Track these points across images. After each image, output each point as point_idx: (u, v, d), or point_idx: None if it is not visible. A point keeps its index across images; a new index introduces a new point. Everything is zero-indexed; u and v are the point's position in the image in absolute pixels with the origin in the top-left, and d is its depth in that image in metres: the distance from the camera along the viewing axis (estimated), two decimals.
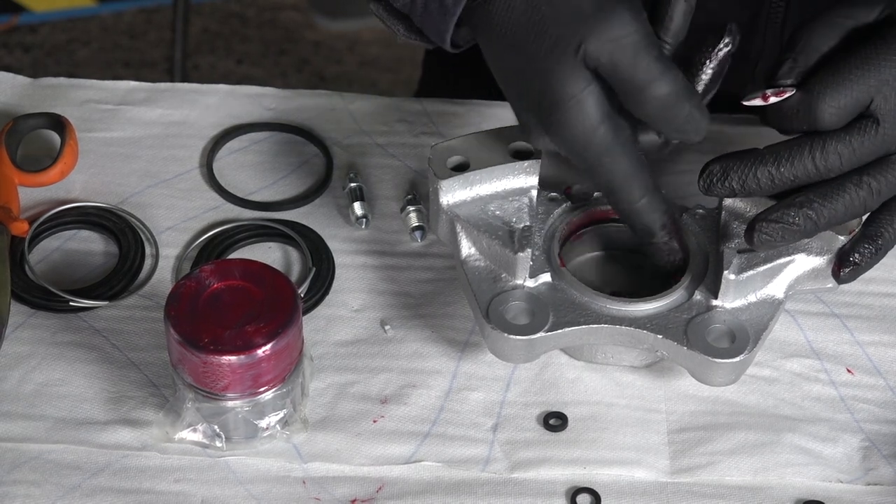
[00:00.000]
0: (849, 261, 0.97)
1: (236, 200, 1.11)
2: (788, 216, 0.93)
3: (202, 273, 0.93)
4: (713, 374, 0.94)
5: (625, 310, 0.96)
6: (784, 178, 0.93)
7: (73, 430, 0.97)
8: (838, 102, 0.91)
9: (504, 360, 0.96)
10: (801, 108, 0.92)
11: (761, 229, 0.93)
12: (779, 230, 0.93)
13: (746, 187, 0.94)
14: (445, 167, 0.99)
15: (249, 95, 1.18)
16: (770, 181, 0.93)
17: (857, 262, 0.97)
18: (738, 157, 0.94)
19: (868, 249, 0.96)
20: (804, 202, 0.93)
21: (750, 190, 0.94)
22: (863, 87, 0.91)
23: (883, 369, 1.03)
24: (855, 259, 0.97)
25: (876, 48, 0.92)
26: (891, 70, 0.91)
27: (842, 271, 0.97)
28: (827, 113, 0.91)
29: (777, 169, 0.92)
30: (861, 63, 0.91)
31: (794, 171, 0.92)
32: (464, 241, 0.99)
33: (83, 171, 1.12)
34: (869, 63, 0.91)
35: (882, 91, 0.91)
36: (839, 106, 0.91)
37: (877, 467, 0.98)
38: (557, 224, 1.01)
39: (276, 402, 0.94)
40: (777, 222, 0.93)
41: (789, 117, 0.93)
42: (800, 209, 0.92)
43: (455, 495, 0.95)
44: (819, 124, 0.92)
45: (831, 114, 0.91)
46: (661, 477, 0.97)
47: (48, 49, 2.70)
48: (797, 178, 0.92)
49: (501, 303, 0.96)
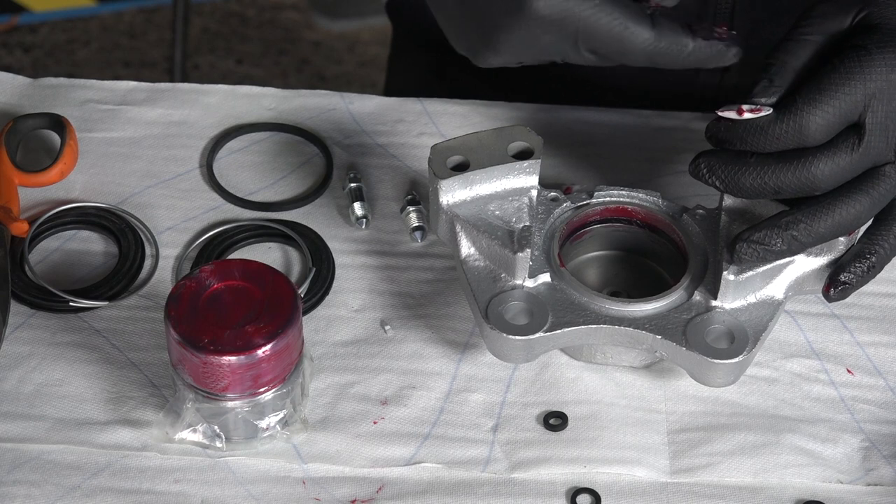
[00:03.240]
0: (838, 280, 0.95)
1: (236, 200, 1.11)
2: (771, 239, 0.92)
3: (202, 273, 0.93)
4: (712, 375, 0.94)
5: (624, 310, 0.96)
6: (767, 189, 0.92)
7: (73, 430, 0.97)
8: (825, 119, 0.90)
9: (503, 361, 0.96)
10: (786, 126, 0.90)
11: (741, 249, 0.93)
12: (759, 251, 0.92)
13: (729, 189, 0.93)
14: (445, 167, 0.99)
15: (249, 95, 1.18)
16: (752, 189, 0.92)
17: (846, 283, 0.95)
18: (724, 159, 0.93)
19: (859, 269, 0.95)
20: (790, 223, 0.92)
21: (733, 192, 0.93)
22: (849, 102, 0.90)
23: (883, 369, 1.03)
24: (844, 279, 0.95)
25: (859, 61, 0.90)
26: (876, 83, 0.90)
27: (832, 291, 0.96)
28: (813, 129, 0.90)
29: (760, 179, 0.91)
30: (846, 78, 0.90)
31: (777, 182, 0.91)
32: (463, 240, 0.99)
33: (83, 171, 1.12)
34: (853, 77, 0.90)
35: (870, 105, 0.90)
36: (826, 123, 0.90)
37: (877, 468, 0.98)
38: (557, 224, 1.01)
39: (276, 403, 0.95)
40: (759, 243, 0.92)
41: (775, 136, 0.91)
42: (784, 230, 0.92)
43: (455, 495, 0.95)
44: (806, 141, 0.90)
45: (817, 130, 0.90)
46: (661, 477, 0.97)
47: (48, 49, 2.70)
48: (781, 190, 0.91)
49: (500, 303, 0.96)
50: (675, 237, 1.01)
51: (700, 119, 1.17)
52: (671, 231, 1.01)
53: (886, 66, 0.90)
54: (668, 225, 1.02)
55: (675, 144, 1.15)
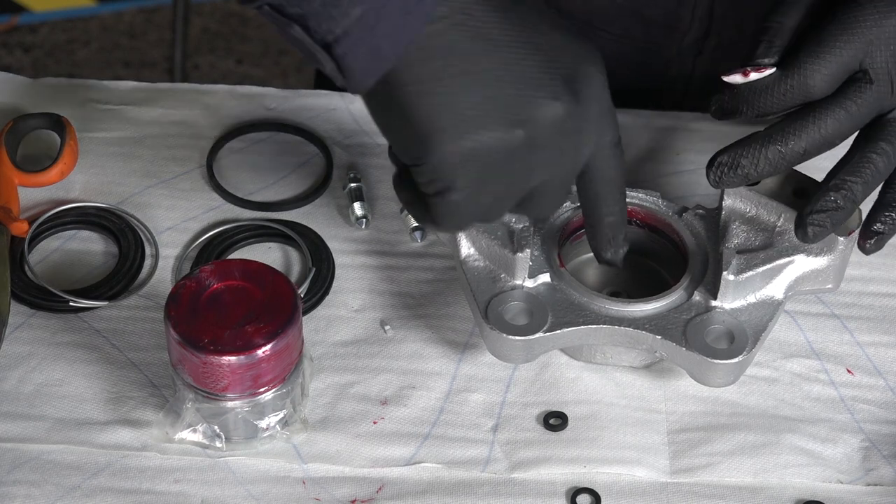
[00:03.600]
0: (872, 231, 0.97)
1: (236, 200, 1.11)
2: (831, 202, 0.93)
3: (202, 273, 0.93)
4: (712, 375, 0.94)
5: (623, 310, 0.96)
6: (794, 154, 0.93)
7: (73, 430, 0.97)
8: (829, 70, 0.93)
9: (503, 361, 0.96)
10: (791, 81, 0.93)
11: (812, 222, 0.94)
12: (828, 217, 0.94)
13: (759, 171, 0.94)
14: None
15: (249, 95, 1.18)
16: (781, 159, 0.93)
17: (881, 231, 0.97)
18: (744, 143, 0.94)
19: (890, 217, 0.96)
20: (839, 185, 0.94)
21: (763, 173, 0.94)
22: (850, 52, 0.93)
23: (883, 369, 1.03)
24: (878, 228, 0.97)
25: (853, 12, 0.93)
26: (873, 30, 0.93)
27: (867, 243, 0.97)
28: (818, 80, 0.93)
29: (786, 146, 0.93)
30: (843, 29, 0.93)
31: (802, 143, 0.93)
32: (463, 240, 0.99)
33: (83, 171, 1.12)
34: (851, 27, 0.93)
35: (869, 52, 0.93)
36: (829, 73, 0.93)
37: (877, 468, 0.98)
38: (557, 224, 1.01)
39: (276, 403, 0.94)
40: (823, 211, 0.93)
41: (782, 93, 0.93)
42: (838, 192, 0.93)
43: (455, 495, 0.95)
44: (813, 94, 0.93)
45: (823, 81, 0.93)
46: (661, 477, 0.97)
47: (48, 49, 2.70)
48: (807, 150, 0.93)
49: (500, 303, 0.96)
50: (675, 237, 1.01)
51: (700, 119, 1.17)
52: (671, 231, 1.01)
53: (879, 13, 0.93)
54: (667, 225, 1.02)
55: (675, 144, 1.15)
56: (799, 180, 0.99)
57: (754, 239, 0.98)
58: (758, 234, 0.99)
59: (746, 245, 0.98)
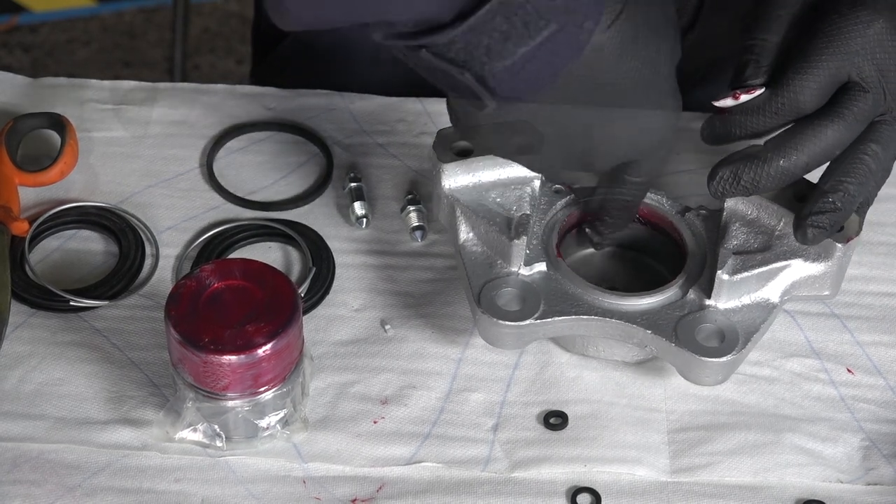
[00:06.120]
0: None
1: (236, 200, 1.11)
2: (829, 203, 0.94)
3: (202, 273, 0.93)
4: (700, 373, 0.94)
5: (617, 303, 0.96)
6: (798, 167, 0.94)
7: (73, 429, 0.97)
8: (817, 84, 0.93)
9: (494, 346, 0.96)
10: (781, 99, 0.93)
11: (811, 223, 0.94)
12: (827, 218, 0.94)
13: (760, 186, 0.94)
14: (448, 152, 0.99)
15: (249, 95, 1.18)
16: (783, 174, 0.94)
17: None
18: (745, 158, 0.94)
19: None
20: (835, 186, 0.94)
21: (763, 188, 0.94)
22: (836, 64, 0.93)
23: (883, 369, 1.03)
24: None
25: (836, 23, 0.94)
26: (857, 40, 0.93)
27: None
28: (807, 95, 0.93)
29: (789, 160, 0.93)
30: (828, 42, 0.93)
31: (804, 157, 0.93)
32: (462, 225, 0.99)
33: (83, 171, 1.12)
34: (835, 40, 0.93)
35: (855, 62, 0.93)
36: (818, 87, 0.93)
37: (877, 467, 0.98)
38: (559, 216, 1.01)
39: (276, 402, 0.95)
40: (822, 212, 0.94)
41: (773, 112, 0.94)
42: (835, 193, 0.94)
43: (455, 495, 0.95)
44: (804, 109, 0.93)
45: (812, 96, 0.93)
46: (661, 476, 0.97)
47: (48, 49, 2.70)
48: (808, 164, 0.94)
49: (494, 288, 0.96)
50: (676, 236, 1.01)
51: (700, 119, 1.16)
52: (672, 230, 1.02)
53: (862, 23, 0.94)
54: (669, 223, 1.02)
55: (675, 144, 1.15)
56: (800, 185, 0.99)
57: (753, 241, 0.98)
58: (757, 236, 0.99)
59: (745, 246, 0.98)
